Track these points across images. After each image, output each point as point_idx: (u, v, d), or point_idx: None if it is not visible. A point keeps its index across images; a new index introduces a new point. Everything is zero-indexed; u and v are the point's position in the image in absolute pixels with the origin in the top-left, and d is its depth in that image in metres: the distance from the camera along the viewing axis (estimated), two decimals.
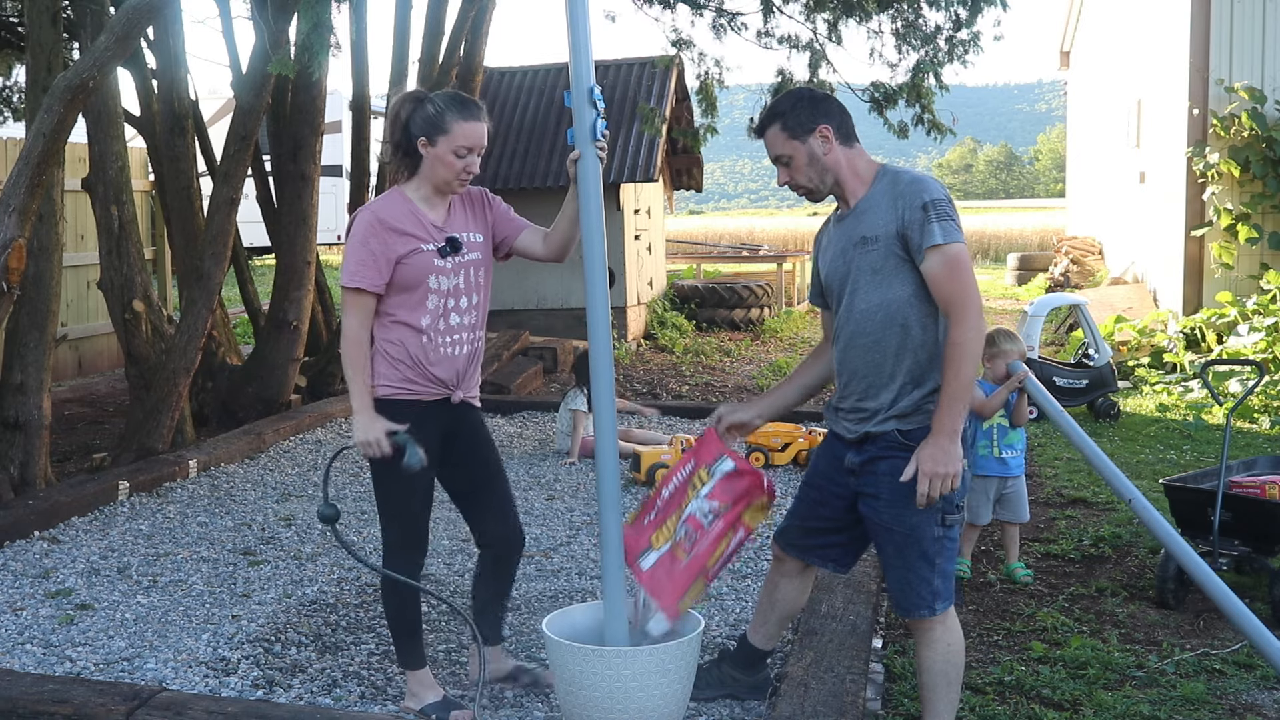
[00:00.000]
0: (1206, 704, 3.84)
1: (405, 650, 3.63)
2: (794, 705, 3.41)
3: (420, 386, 3.46)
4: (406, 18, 9.86)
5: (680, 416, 8.49)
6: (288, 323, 8.24)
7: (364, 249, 3.39)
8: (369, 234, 3.40)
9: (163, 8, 6.11)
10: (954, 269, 3.05)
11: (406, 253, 3.40)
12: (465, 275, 3.51)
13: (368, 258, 3.39)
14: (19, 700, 3.45)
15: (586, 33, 3.30)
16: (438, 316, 3.45)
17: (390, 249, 3.39)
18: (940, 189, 3.12)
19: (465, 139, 3.41)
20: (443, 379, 3.48)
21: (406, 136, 3.45)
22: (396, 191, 3.51)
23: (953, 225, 3.06)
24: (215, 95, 19.60)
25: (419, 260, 3.42)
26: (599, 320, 3.34)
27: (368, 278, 3.39)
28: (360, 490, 6.40)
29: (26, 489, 6.05)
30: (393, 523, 3.56)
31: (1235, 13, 11.93)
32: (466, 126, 3.41)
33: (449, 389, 3.51)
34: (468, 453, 3.63)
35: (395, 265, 3.40)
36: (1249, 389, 5.25)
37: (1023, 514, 5.21)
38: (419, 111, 3.43)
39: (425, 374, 3.46)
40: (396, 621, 3.62)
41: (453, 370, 3.50)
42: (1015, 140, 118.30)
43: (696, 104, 11.06)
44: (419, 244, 3.42)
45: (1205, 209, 11.89)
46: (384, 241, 3.39)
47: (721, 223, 38.63)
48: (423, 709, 3.57)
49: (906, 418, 3.17)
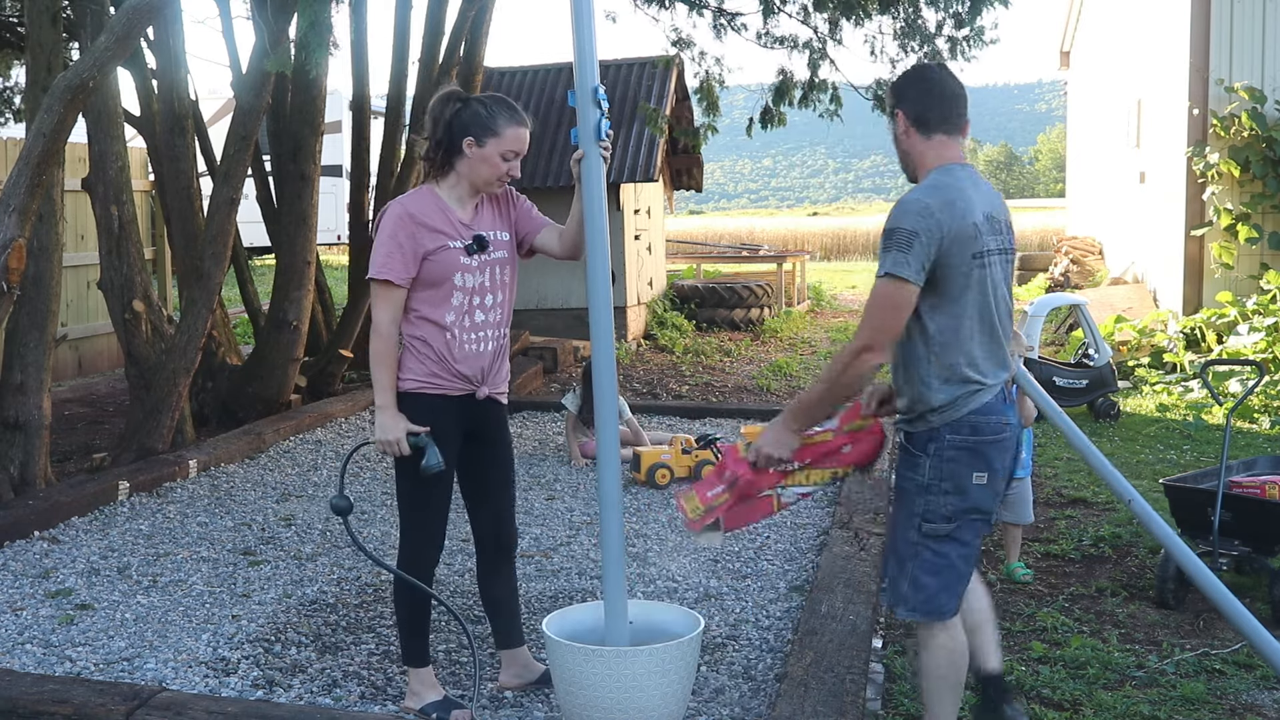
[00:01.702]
0: (1206, 704, 3.84)
1: (411, 648, 3.64)
2: (794, 705, 3.41)
3: (446, 381, 3.48)
4: (406, 18, 9.86)
5: (680, 416, 8.49)
6: (288, 323, 8.24)
7: (392, 241, 3.40)
8: (397, 227, 3.41)
9: (163, 8, 6.10)
10: (872, 298, 3.03)
11: (434, 249, 3.41)
12: (491, 273, 3.52)
13: (395, 250, 3.39)
14: (19, 700, 3.45)
15: (591, 32, 3.30)
16: (463, 314, 3.46)
17: (418, 243, 3.40)
18: (906, 215, 2.98)
19: (514, 143, 3.45)
20: (468, 375, 3.50)
21: (449, 135, 3.45)
22: (427, 189, 3.52)
23: (895, 256, 2.95)
24: (215, 95, 19.60)
25: (445, 257, 3.42)
26: (601, 319, 3.33)
27: (395, 270, 3.39)
28: (361, 490, 6.40)
29: (26, 489, 6.05)
30: (411, 518, 3.57)
31: (1235, 13, 11.92)
32: (517, 131, 3.45)
33: (474, 385, 3.53)
34: (488, 452, 3.64)
35: (422, 261, 3.41)
36: (1249, 389, 5.25)
37: (1026, 515, 5.20)
38: (466, 111, 3.44)
39: (450, 369, 3.47)
40: (405, 618, 3.62)
41: (478, 367, 3.51)
42: (1015, 140, 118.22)
43: (696, 104, 11.07)
44: (446, 240, 3.43)
45: (1205, 209, 11.89)
46: (412, 235, 3.40)
47: (721, 223, 38.65)
48: (423, 708, 3.58)
49: (910, 422, 3.18)
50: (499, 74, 13.29)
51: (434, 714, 3.55)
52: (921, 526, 3.11)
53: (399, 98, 9.84)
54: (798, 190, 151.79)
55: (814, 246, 30.16)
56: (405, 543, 3.60)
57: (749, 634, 4.28)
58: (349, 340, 9.24)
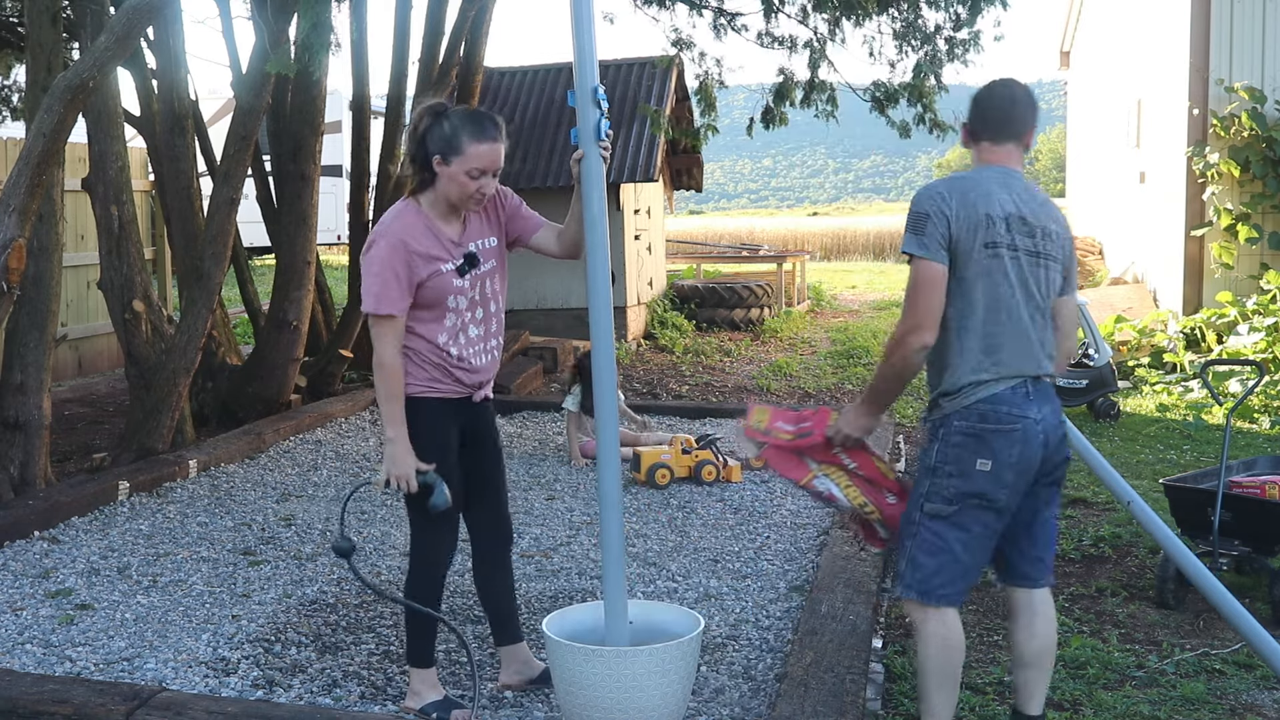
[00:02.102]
0: (1206, 704, 3.84)
1: (417, 648, 3.63)
2: (794, 705, 3.41)
3: (444, 386, 3.52)
4: (406, 18, 9.86)
5: (680, 416, 8.49)
6: (288, 323, 8.24)
7: (388, 272, 3.38)
8: (392, 257, 3.38)
9: (163, 8, 6.11)
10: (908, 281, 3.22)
11: (428, 275, 3.42)
12: (481, 288, 3.55)
13: (391, 280, 3.38)
14: (19, 700, 3.45)
15: (591, 32, 3.30)
16: (455, 332, 3.50)
17: (414, 272, 3.40)
18: (918, 199, 3.23)
19: (479, 160, 3.39)
20: (464, 383, 3.55)
21: (423, 151, 3.44)
22: (413, 207, 3.48)
23: (909, 237, 3.17)
24: (215, 95, 19.59)
25: (439, 282, 3.44)
26: (602, 319, 3.34)
27: (393, 302, 3.39)
28: (360, 490, 6.39)
29: (26, 489, 6.05)
30: (420, 534, 3.62)
31: (1235, 13, 11.92)
32: (481, 148, 3.39)
33: (470, 390, 3.58)
34: (477, 447, 3.68)
35: (416, 288, 3.42)
36: (1249, 389, 5.25)
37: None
38: (436, 128, 3.41)
39: (450, 376, 3.52)
40: (415, 618, 3.62)
41: (473, 378, 3.57)
42: None
43: (696, 104, 11.06)
44: (439, 264, 3.43)
45: (1205, 209, 11.89)
46: (407, 264, 3.40)
47: (721, 223, 38.61)
48: (423, 708, 3.58)
49: (929, 409, 3.33)
50: (499, 74, 13.28)
51: (434, 714, 3.55)
52: (924, 506, 3.21)
53: (399, 98, 9.84)
54: (798, 190, 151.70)
55: (814, 246, 30.12)
56: (417, 544, 3.64)
57: (749, 634, 4.28)
58: (349, 340, 9.24)
